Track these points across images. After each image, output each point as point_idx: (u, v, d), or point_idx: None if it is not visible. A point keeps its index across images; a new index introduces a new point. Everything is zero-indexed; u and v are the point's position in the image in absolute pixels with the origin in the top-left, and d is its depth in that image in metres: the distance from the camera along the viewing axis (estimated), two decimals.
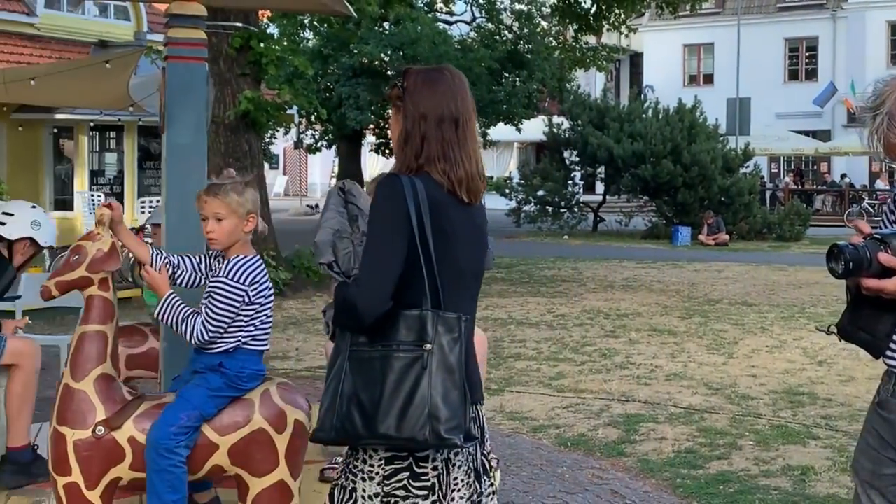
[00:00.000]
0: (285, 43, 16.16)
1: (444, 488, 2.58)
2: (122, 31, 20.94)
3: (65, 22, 20.41)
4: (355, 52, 24.87)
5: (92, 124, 19.27)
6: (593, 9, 22.86)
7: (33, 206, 5.01)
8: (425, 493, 2.56)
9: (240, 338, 3.66)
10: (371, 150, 32.41)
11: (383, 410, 2.46)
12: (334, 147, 31.28)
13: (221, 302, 3.58)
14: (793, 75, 39.64)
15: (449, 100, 2.65)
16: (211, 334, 3.58)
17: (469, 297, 2.71)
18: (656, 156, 23.93)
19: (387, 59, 25.81)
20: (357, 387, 2.51)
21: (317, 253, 2.60)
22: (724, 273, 16.67)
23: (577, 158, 26.47)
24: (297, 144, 30.49)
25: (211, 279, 3.67)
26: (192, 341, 3.61)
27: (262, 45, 13.04)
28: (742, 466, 5.78)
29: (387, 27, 25.62)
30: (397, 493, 2.56)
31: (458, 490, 2.60)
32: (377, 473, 2.58)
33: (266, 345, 3.78)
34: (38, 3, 19.53)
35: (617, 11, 22.52)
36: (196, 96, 4.45)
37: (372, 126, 28.11)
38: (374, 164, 38.65)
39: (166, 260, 3.72)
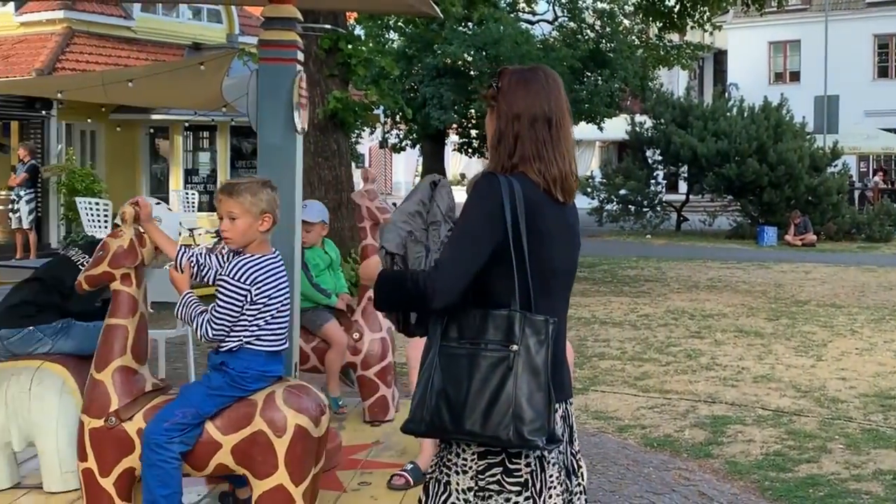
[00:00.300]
0: (371, 44, 16.36)
1: (538, 485, 2.59)
2: (214, 34, 21.50)
3: (160, 25, 21.00)
4: (439, 52, 25.02)
5: (186, 124, 19.78)
6: (677, 6, 22.63)
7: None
8: (519, 488, 2.57)
9: (242, 337, 3.66)
10: (454, 150, 32.55)
11: (469, 407, 2.49)
12: (418, 146, 31.51)
13: (223, 301, 3.62)
14: (882, 72, 38.68)
15: (542, 99, 2.66)
16: (214, 332, 3.62)
17: (562, 297, 2.72)
18: (741, 154, 23.62)
19: (470, 59, 25.90)
20: (445, 382, 2.53)
21: (383, 233, 2.58)
22: (811, 274, 16.42)
23: (660, 157, 26.26)
24: (383, 144, 30.77)
25: (217, 278, 3.71)
26: (200, 338, 3.67)
27: (350, 46, 13.23)
28: (832, 470, 5.74)
29: (470, 27, 25.70)
30: (491, 487, 2.58)
31: (554, 488, 2.61)
32: (470, 468, 2.60)
33: (277, 345, 3.77)
34: (135, 7, 20.11)
35: (702, 9, 22.26)
36: (288, 97, 4.56)
37: (455, 125, 28.24)
38: (456, 163, 38.85)
39: (191, 258, 3.79)
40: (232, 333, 3.66)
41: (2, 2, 18.81)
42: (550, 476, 2.61)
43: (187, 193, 19.20)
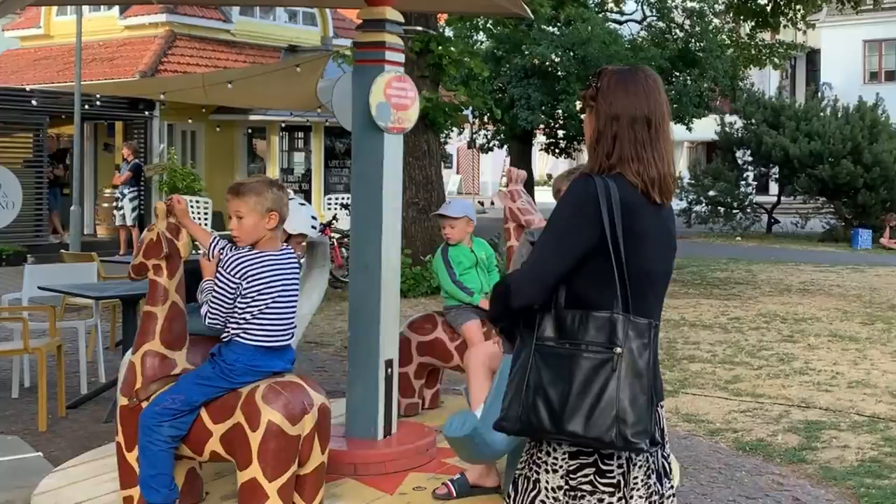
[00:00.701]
0: (460, 46, 16.50)
1: (627, 486, 2.60)
2: (309, 37, 21.93)
3: (257, 28, 21.52)
4: (527, 53, 25.05)
5: (282, 125, 20.20)
6: (770, 5, 22.29)
7: (291, 197, 5.06)
8: (612, 489, 2.58)
9: (231, 329, 3.81)
10: (541, 150, 32.52)
11: (571, 408, 2.48)
12: (505, 147, 31.56)
13: (215, 290, 3.78)
14: None
15: (642, 100, 2.65)
16: (209, 320, 3.80)
17: (657, 301, 2.70)
18: (835, 156, 23.16)
19: (557, 59, 25.86)
20: (544, 381, 2.52)
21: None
22: None
23: (750, 158, 25.89)
24: (471, 144, 30.94)
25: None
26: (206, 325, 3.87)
27: (440, 47, 13.40)
28: None
29: (558, 28, 25.67)
30: (583, 487, 2.58)
31: (638, 489, 2.61)
32: (560, 467, 2.60)
33: (270, 340, 3.84)
34: (234, 11, 20.62)
35: (796, 7, 21.89)
36: (374, 97, 4.68)
37: (542, 126, 28.22)
38: (543, 164, 38.79)
39: (222, 248, 3.99)
40: (228, 324, 3.83)
41: (107, 5, 19.42)
42: (635, 478, 2.62)
43: None
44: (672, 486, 2.75)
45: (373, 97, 4.69)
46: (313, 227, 5.08)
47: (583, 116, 2.79)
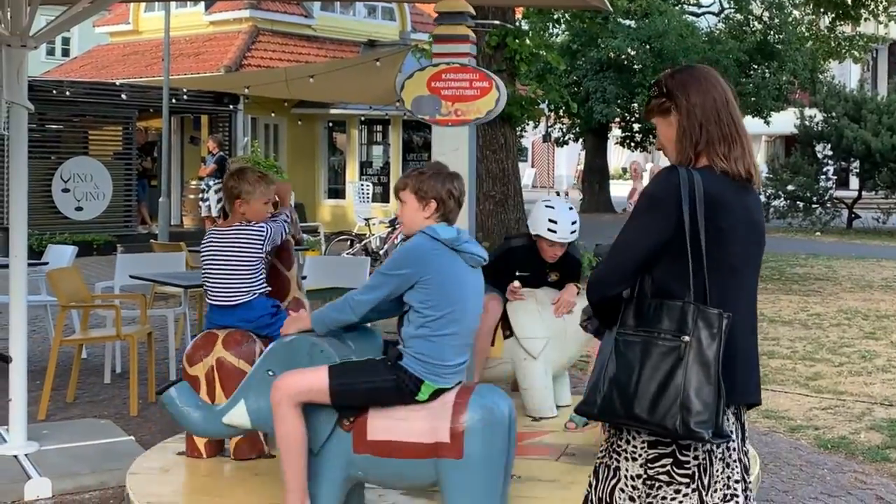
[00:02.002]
0: (536, 39, 16.48)
1: (705, 479, 2.62)
2: (388, 31, 22.15)
3: (338, 23, 21.81)
4: (603, 46, 24.94)
5: (362, 118, 20.41)
6: None
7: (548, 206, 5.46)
8: (688, 480, 2.61)
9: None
10: (616, 143, 32.37)
11: (638, 393, 2.53)
12: (581, 140, 31.45)
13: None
14: None
15: (718, 89, 2.69)
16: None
17: (743, 294, 2.69)
18: None
19: (633, 52, 25.70)
20: (619, 368, 2.58)
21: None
22: None
23: (830, 152, 25.45)
24: (546, 138, 30.91)
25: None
26: None
27: (517, 41, 13.41)
28: None
29: (634, 21, 25.50)
30: (661, 477, 2.61)
31: (718, 482, 2.64)
32: (640, 455, 2.64)
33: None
34: (315, 7, 20.92)
35: None
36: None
37: (618, 119, 28.07)
38: (619, 157, 38.56)
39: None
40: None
41: (193, 1, 19.81)
42: (716, 471, 2.64)
43: (362, 185, 19.83)
44: (749, 482, 2.76)
45: (408, 91, 4.76)
46: None
47: (655, 124, 2.80)
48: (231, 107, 19.05)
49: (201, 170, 18.06)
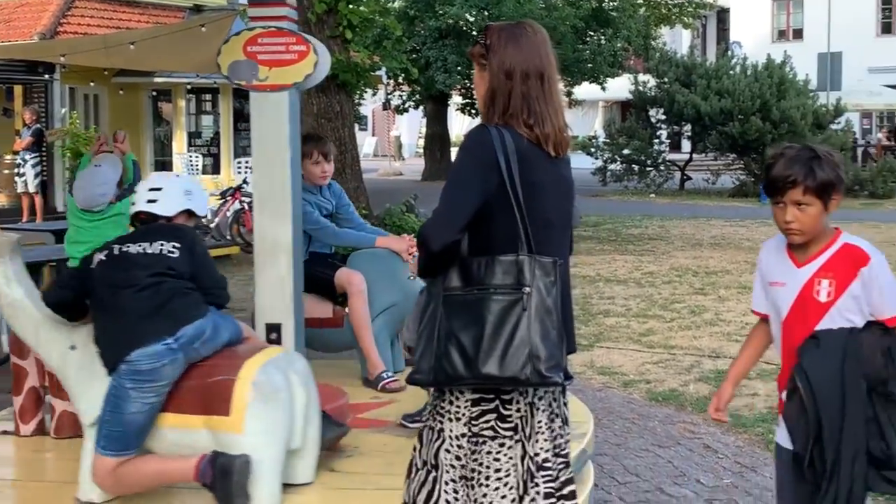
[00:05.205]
0: (371, 4, 16.26)
1: (527, 430, 2.64)
2: None
3: None
4: (441, 13, 24.88)
5: (189, 87, 19.72)
6: None
7: (178, 175, 4.69)
8: (511, 433, 2.63)
9: None
10: (457, 110, 32.50)
11: (484, 351, 2.51)
12: (421, 108, 31.40)
13: None
14: (886, 28, 38.37)
15: (534, 55, 2.67)
16: None
17: (557, 249, 2.71)
18: (744, 113, 23.56)
19: (472, 19, 25.75)
20: (455, 328, 2.55)
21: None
22: None
23: (664, 117, 26.17)
24: (385, 105, 30.74)
25: None
26: None
27: (349, 7, 13.17)
28: None
29: None
30: (485, 433, 2.63)
31: (542, 433, 2.65)
32: (463, 415, 2.65)
33: None
34: None
35: None
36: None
37: (458, 87, 28.13)
38: (460, 124, 38.78)
39: None
40: None
41: None
42: (539, 422, 2.66)
43: (191, 157, 19.22)
44: (569, 432, 2.80)
45: (224, 57, 4.55)
46: None
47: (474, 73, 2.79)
48: (46, 76, 18.09)
49: (17, 143, 17.11)
